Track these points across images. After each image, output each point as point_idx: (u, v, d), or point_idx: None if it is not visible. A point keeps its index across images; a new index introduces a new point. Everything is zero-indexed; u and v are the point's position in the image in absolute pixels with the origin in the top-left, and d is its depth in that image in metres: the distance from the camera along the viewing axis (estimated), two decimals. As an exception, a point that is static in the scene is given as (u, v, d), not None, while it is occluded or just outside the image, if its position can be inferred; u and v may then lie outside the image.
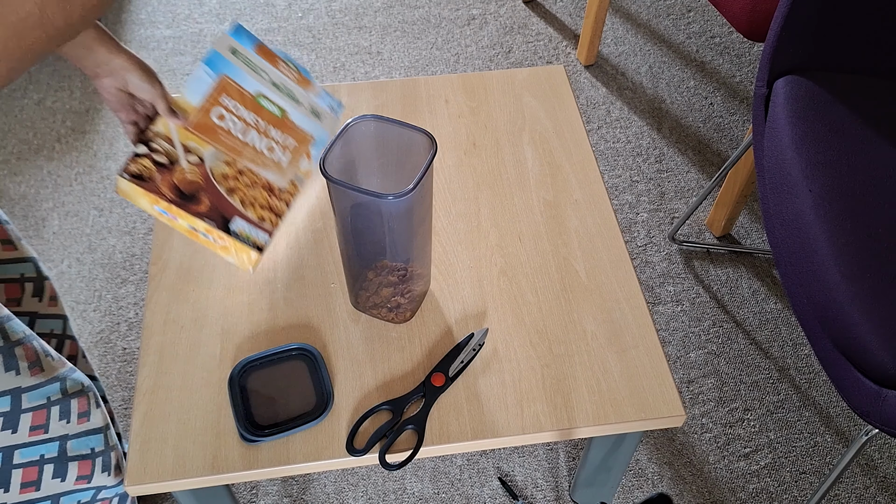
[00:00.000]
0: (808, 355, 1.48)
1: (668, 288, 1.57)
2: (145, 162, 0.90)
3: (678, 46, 2.04)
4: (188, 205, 0.90)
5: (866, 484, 1.32)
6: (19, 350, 0.86)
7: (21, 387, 0.86)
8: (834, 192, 1.02)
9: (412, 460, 0.86)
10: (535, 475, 1.32)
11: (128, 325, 1.51)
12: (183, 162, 0.92)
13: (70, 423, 0.93)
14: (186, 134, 0.93)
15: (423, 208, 0.84)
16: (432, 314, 0.96)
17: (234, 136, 0.95)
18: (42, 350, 0.89)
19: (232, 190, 0.92)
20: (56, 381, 0.90)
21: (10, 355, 0.85)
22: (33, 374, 0.87)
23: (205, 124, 0.94)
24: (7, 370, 0.85)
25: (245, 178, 0.93)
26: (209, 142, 0.94)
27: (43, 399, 0.89)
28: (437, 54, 2.01)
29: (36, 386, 0.88)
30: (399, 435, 0.86)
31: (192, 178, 0.91)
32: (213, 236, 0.91)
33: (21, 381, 0.86)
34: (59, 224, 1.67)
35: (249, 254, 0.92)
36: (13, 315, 0.89)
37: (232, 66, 0.98)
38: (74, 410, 0.93)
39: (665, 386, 0.90)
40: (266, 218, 0.93)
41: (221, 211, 0.91)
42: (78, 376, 0.94)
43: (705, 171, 1.77)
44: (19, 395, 0.87)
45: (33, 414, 0.88)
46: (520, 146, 1.14)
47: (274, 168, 0.95)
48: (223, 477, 0.84)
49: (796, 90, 1.13)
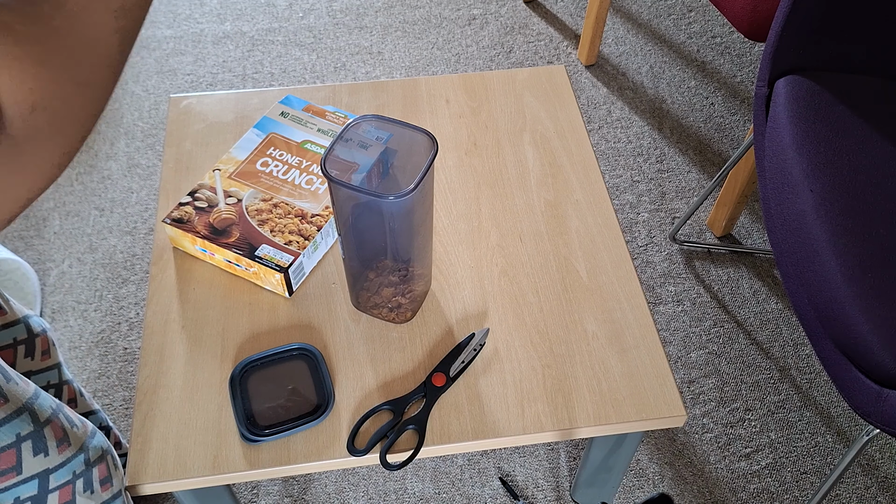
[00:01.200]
0: (809, 355, 1.48)
1: (669, 288, 1.57)
2: (187, 208, 1.00)
3: (679, 46, 2.04)
4: (219, 238, 0.96)
5: (867, 484, 1.32)
6: (48, 430, 0.85)
7: (49, 468, 0.86)
8: (835, 192, 1.02)
9: (413, 460, 0.85)
10: (535, 475, 1.32)
11: (129, 324, 1.51)
12: (222, 205, 1.00)
13: (94, 493, 0.92)
14: (230, 182, 1.02)
15: (424, 208, 0.84)
16: (433, 314, 0.96)
17: (275, 176, 1.03)
18: (68, 423, 0.88)
19: (264, 221, 0.98)
20: (81, 453, 0.90)
21: (39, 438, 0.84)
22: (61, 451, 0.86)
23: (247, 172, 1.04)
24: (36, 454, 0.84)
25: (279, 209, 1.00)
26: (249, 185, 1.02)
27: (69, 475, 0.88)
28: (438, 54, 2.01)
29: (63, 463, 0.87)
30: (400, 435, 0.86)
31: (226, 216, 0.99)
32: (243, 264, 0.96)
33: (49, 461, 0.85)
34: (60, 224, 1.67)
35: (274, 276, 0.94)
36: (41, 391, 0.88)
37: (280, 124, 1.10)
38: (97, 479, 0.93)
39: (666, 386, 0.90)
40: (293, 241, 0.97)
41: (250, 240, 0.97)
42: (98, 441, 0.94)
43: (706, 171, 1.77)
44: (47, 476, 0.86)
45: (59, 492, 0.88)
46: (521, 146, 1.14)
47: (309, 197, 1.01)
48: (224, 477, 0.84)
49: (797, 90, 1.13)
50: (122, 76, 1.94)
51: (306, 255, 0.97)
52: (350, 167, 0.85)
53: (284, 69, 1.97)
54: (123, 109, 1.87)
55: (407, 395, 0.88)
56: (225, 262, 0.98)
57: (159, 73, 1.96)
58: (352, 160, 0.85)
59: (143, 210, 1.69)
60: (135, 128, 1.84)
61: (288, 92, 1.20)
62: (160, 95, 1.91)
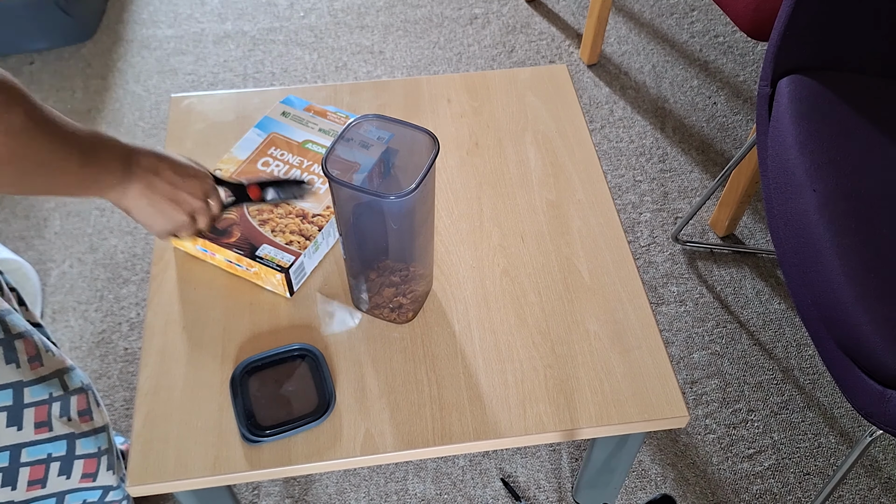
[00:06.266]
0: (812, 356, 1.47)
1: (671, 288, 1.56)
2: None
3: (681, 46, 2.04)
4: (220, 238, 0.97)
5: (870, 485, 1.32)
6: (19, 343, 0.86)
7: (23, 381, 0.86)
8: (838, 192, 1.02)
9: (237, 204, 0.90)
10: (537, 476, 1.32)
11: (129, 325, 1.51)
12: None
13: (72, 421, 0.93)
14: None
15: (426, 208, 0.84)
16: (435, 314, 0.96)
17: (276, 176, 1.03)
18: (42, 345, 0.89)
19: (264, 221, 0.98)
20: (56, 377, 0.90)
21: (9, 348, 0.84)
22: (33, 368, 0.87)
23: (248, 171, 1.03)
24: (7, 363, 0.84)
25: (280, 209, 1.00)
26: None
27: (45, 394, 0.89)
28: (440, 53, 2.01)
29: (37, 380, 0.87)
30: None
31: (227, 216, 0.99)
32: (244, 265, 0.96)
33: (22, 374, 0.86)
34: (61, 224, 1.67)
35: (275, 276, 0.94)
36: (13, 309, 0.89)
37: (281, 124, 1.09)
38: (74, 408, 0.93)
39: (668, 387, 0.90)
40: (294, 241, 0.97)
41: (251, 240, 0.97)
42: (78, 375, 0.94)
43: (709, 170, 1.76)
44: (21, 389, 0.86)
45: (35, 409, 0.88)
46: (522, 146, 1.14)
47: (310, 197, 1.01)
48: (225, 477, 0.84)
49: (800, 90, 1.13)
50: (123, 76, 1.95)
51: (307, 255, 0.96)
52: (351, 167, 0.85)
53: (285, 69, 1.97)
54: (124, 109, 1.87)
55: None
56: (226, 263, 0.98)
57: (160, 73, 1.96)
58: (353, 160, 0.85)
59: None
60: (136, 127, 1.84)
61: (289, 91, 1.19)
62: (161, 95, 1.91)
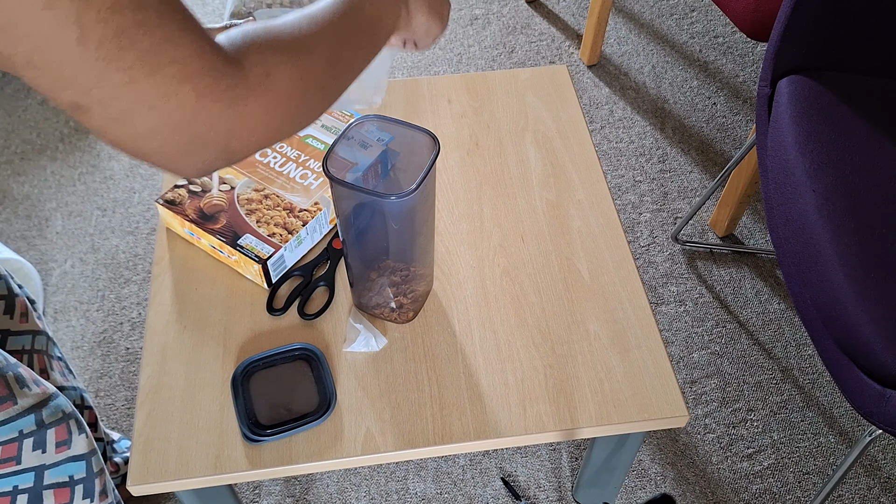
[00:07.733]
0: (811, 356, 1.48)
1: (671, 288, 1.56)
2: (181, 191, 1.01)
3: (681, 46, 2.04)
4: (206, 224, 0.98)
5: (870, 485, 1.32)
6: None
7: None
8: (838, 192, 1.02)
9: (326, 310, 0.96)
10: (537, 475, 1.32)
11: (131, 324, 1.51)
12: (214, 190, 1.01)
13: (46, 452, 0.92)
14: (226, 168, 1.01)
15: (426, 208, 0.84)
16: (435, 314, 0.96)
17: (271, 168, 1.04)
18: (17, 382, 0.88)
19: (252, 211, 0.99)
20: (31, 414, 0.89)
21: None
22: (3, 408, 0.86)
23: (246, 164, 1.04)
24: None
25: (269, 200, 1.00)
26: (245, 174, 1.03)
27: (14, 433, 0.88)
28: (440, 54, 2.01)
29: (5, 421, 0.87)
30: (312, 292, 0.98)
31: (217, 202, 1.00)
32: (226, 252, 0.97)
33: None
34: (63, 224, 1.67)
35: (253, 266, 0.95)
36: None
37: None
38: (51, 440, 0.92)
39: (668, 386, 0.90)
40: (277, 234, 0.97)
41: (235, 228, 0.97)
42: (58, 404, 0.93)
43: (708, 171, 1.77)
44: None
45: (2, 448, 0.87)
46: (523, 146, 1.14)
47: (300, 192, 1.01)
48: (226, 477, 0.84)
49: (800, 90, 1.13)
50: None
51: (288, 248, 0.97)
52: (349, 166, 0.85)
53: (286, 69, 1.97)
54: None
55: (313, 260, 0.99)
56: (210, 248, 0.99)
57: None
58: (352, 159, 0.85)
59: (145, 210, 1.69)
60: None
61: None
62: (162, 95, 1.91)
